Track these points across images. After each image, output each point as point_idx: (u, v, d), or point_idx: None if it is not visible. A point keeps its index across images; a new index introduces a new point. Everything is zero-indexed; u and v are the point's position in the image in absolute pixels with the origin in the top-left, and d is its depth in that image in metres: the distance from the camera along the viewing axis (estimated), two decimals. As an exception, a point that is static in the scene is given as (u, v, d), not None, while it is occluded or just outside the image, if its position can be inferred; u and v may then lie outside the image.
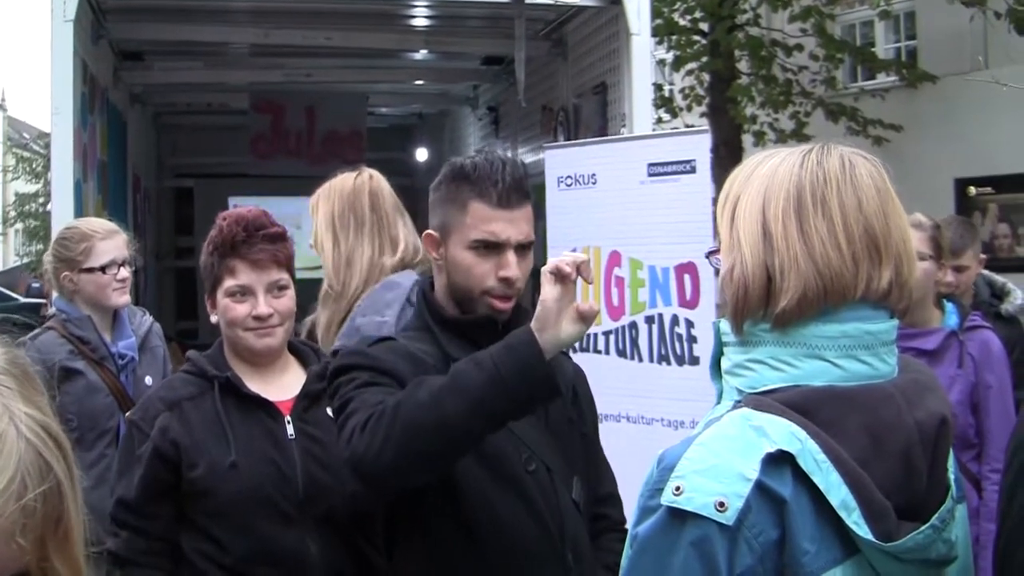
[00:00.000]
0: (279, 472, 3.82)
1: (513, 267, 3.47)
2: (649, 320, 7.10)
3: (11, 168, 55.57)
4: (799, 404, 2.25)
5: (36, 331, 5.66)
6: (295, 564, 3.78)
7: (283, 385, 3.98)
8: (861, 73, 21.70)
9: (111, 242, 5.75)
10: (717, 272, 2.53)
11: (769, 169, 2.43)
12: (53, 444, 1.70)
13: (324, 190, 4.93)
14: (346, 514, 3.89)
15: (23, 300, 36.94)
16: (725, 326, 2.43)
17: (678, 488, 2.16)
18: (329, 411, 3.82)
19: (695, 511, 2.14)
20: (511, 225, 3.47)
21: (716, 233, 2.58)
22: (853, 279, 2.33)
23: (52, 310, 5.83)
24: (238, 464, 3.77)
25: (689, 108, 19.26)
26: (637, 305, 7.13)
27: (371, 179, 4.93)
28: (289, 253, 4.06)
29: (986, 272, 6.97)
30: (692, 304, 7.01)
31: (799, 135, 17.41)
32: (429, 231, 3.63)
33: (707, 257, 2.61)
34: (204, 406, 3.88)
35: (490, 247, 3.48)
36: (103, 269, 5.67)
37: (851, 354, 2.31)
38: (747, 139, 18.13)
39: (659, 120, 18.79)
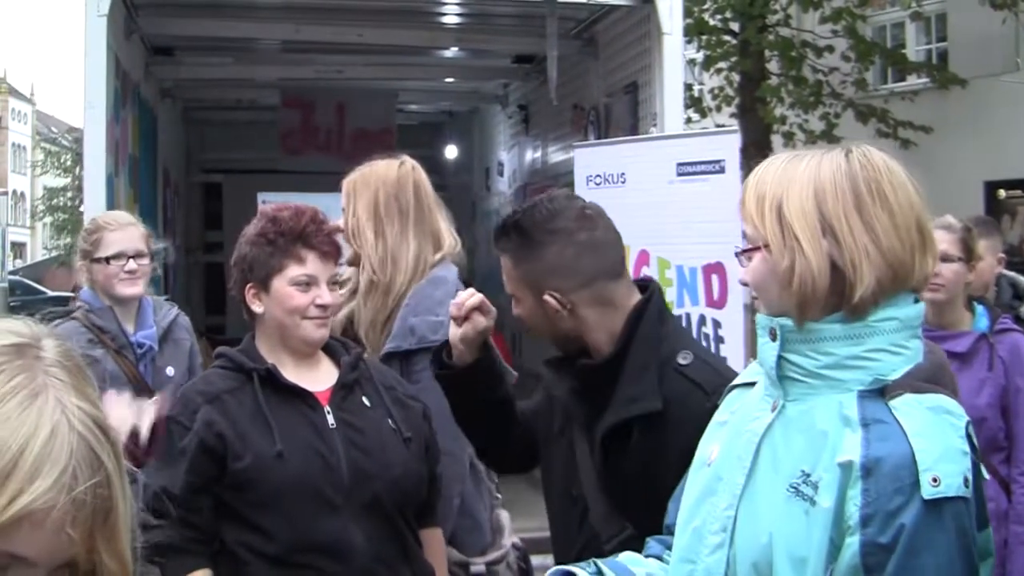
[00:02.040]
0: (324, 461, 3.84)
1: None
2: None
3: (40, 163, 55.91)
4: (932, 380, 2.47)
5: (59, 320, 5.73)
6: (340, 552, 3.81)
7: (317, 376, 4.00)
8: (891, 75, 21.65)
9: (121, 233, 5.81)
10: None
11: (809, 168, 2.53)
12: (104, 437, 1.72)
13: (363, 176, 4.86)
14: (390, 501, 3.93)
15: (51, 294, 37.13)
16: (789, 323, 2.52)
17: (935, 479, 2.30)
18: (365, 400, 3.97)
19: (955, 495, 2.31)
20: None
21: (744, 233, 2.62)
22: (911, 268, 2.51)
23: (78, 303, 5.88)
24: (284, 454, 3.80)
25: (719, 108, 19.18)
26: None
27: (414, 170, 4.88)
28: (341, 249, 4.14)
29: (1010, 273, 6.95)
30: (720, 304, 7.03)
31: (829, 136, 17.35)
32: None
33: (738, 256, 2.68)
34: (244, 399, 3.90)
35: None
36: (108, 260, 5.74)
37: (918, 334, 2.53)
38: (776, 140, 18.08)
39: (688, 120, 18.72)
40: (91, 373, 1.83)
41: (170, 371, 5.77)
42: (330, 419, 3.91)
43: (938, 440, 2.35)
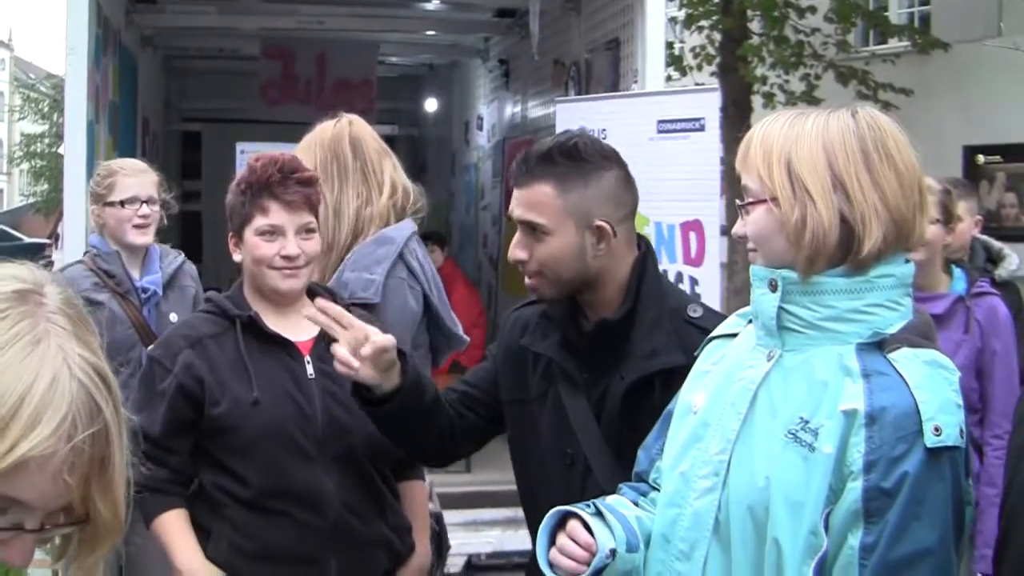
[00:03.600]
0: (300, 410, 3.90)
1: (517, 248, 3.54)
2: None
3: (18, 108, 55.64)
4: (923, 336, 2.62)
5: (68, 263, 5.96)
6: (312, 499, 3.88)
7: (302, 326, 4.01)
8: (873, 37, 21.65)
9: (135, 179, 5.94)
10: (722, 229, 2.67)
11: (817, 126, 2.65)
12: (103, 386, 1.77)
13: (305, 143, 4.85)
14: (365, 453, 3.98)
15: (27, 240, 37.05)
16: (792, 275, 2.63)
17: (937, 429, 2.44)
18: None
19: (953, 444, 2.46)
20: (516, 203, 3.53)
21: (725, 191, 2.68)
22: (912, 226, 2.64)
23: (55, 253, 6.02)
24: (260, 401, 3.86)
25: (699, 67, 19.16)
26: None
27: (351, 124, 4.85)
28: (318, 198, 4.12)
29: (984, 237, 6.98)
30: (697, 262, 7.05)
31: (809, 97, 17.36)
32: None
33: (742, 207, 2.76)
34: (226, 345, 3.95)
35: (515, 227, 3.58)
36: (123, 203, 5.85)
37: (911, 292, 2.68)
38: (756, 100, 18.07)
39: (669, 78, 18.64)
40: (92, 320, 1.88)
41: (173, 317, 5.84)
42: (310, 369, 3.96)
43: (937, 392, 2.49)
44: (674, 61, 18.74)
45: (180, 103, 15.67)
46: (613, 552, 2.82)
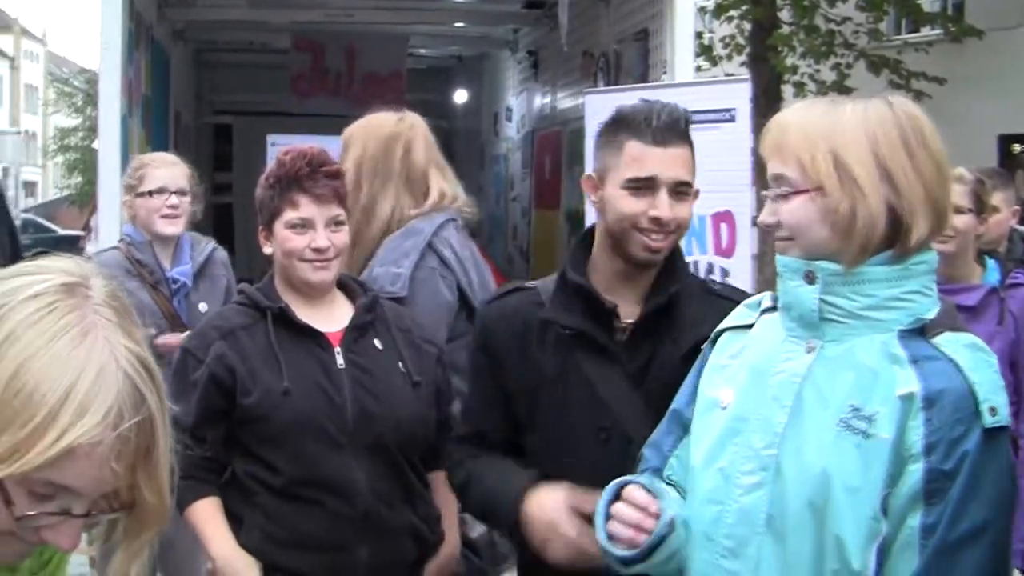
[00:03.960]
0: (330, 400, 3.94)
1: (664, 207, 3.45)
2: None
3: (52, 102, 56.06)
4: (955, 320, 2.68)
5: (103, 249, 6.16)
6: (342, 488, 3.92)
7: (332, 317, 4.08)
8: (905, 26, 21.61)
9: (165, 171, 6.08)
10: (753, 220, 2.65)
11: (856, 115, 2.66)
12: (148, 376, 1.85)
13: (360, 128, 4.90)
14: (393, 442, 4.01)
15: (62, 232, 37.34)
16: (832, 267, 2.64)
17: (992, 410, 2.49)
18: (377, 343, 4.05)
19: (1006, 424, 2.52)
20: (663, 163, 3.46)
21: (755, 181, 2.69)
22: (947, 214, 2.67)
23: (89, 245, 6.16)
24: (290, 391, 3.90)
25: (729, 57, 19.19)
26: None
27: (411, 128, 4.88)
28: (346, 190, 4.16)
29: (1022, 228, 6.95)
30: (728, 253, 7.04)
31: (840, 87, 17.37)
32: (588, 174, 3.66)
33: (783, 197, 2.72)
34: (257, 336, 4.00)
35: (642, 185, 3.48)
36: (151, 193, 5.98)
37: (936, 279, 2.72)
38: (787, 90, 18.07)
39: (699, 68, 18.68)
40: (135, 313, 1.93)
41: (203, 307, 5.97)
42: (340, 360, 3.99)
43: (987, 374, 2.54)
44: (704, 51, 18.80)
45: (211, 96, 15.74)
46: (672, 523, 2.80)
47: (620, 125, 3.53)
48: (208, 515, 4.02)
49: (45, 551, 2.12)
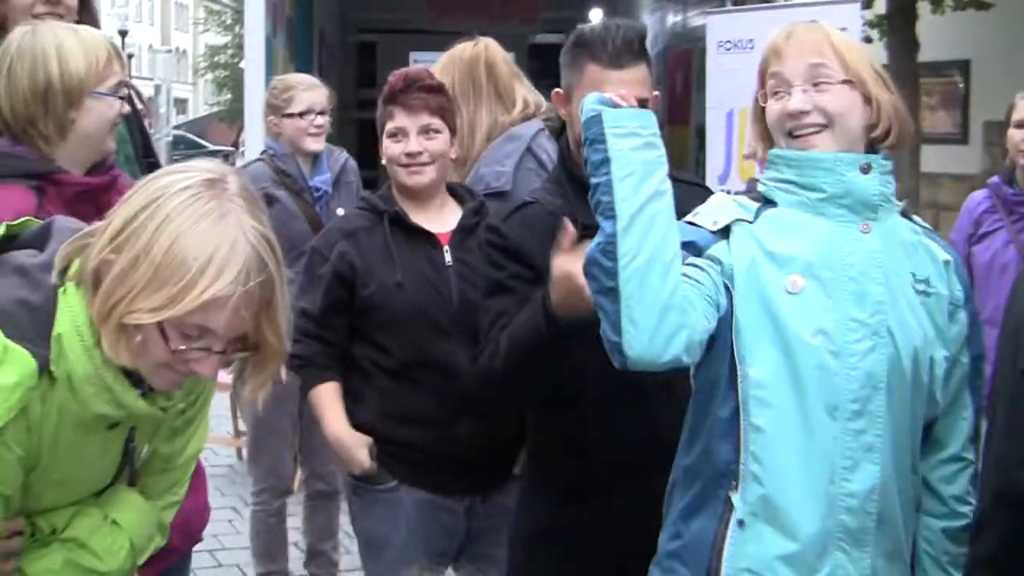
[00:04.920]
0: (437, 291, 4.42)
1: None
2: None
3: (202, 21, 56.70)
4: None
5: (249, 161, 6.76)
6: (447, 368, 4.39)
7: (443, 219, 4.56)
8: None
9: (310, 93, 6.61)
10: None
11: (861, 46, 3.31)
12: (268, 248, 2.51)
13: (444, 62, 5.34)
14: None
15: (212, 147, 38.01)
16: (881, 159, 3.15)
17: None
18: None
19: None
20: (620, 84, 3.70)
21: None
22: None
23: (240, 154, 6.64)
24: (403, 284, 4.39)
25: (866, -27, 19.08)
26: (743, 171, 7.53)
27: (486, 48, 5.32)
28: (442, 103, 4.57)
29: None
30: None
31: (978, 3, 17.28)
32: (557, 90, 4.02)
33: (819, 85, 3.13)
34: (376, 236, 4.49)
35: None
36: (301, 115, 6.52)
37: None
38: (923, 8, 17.96)
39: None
40: (262, 202, 2.62)
41: (340, 211, 6.38)
42: (447, 257, 4.47)
43: None
44: (840, -33, 18.64)
45: (355, 14, 16.08)
46: None
47: (580, 47, 3.87)
48: (327, 398, 4.55)
49: (194, 390, 2.82)
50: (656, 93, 3.96)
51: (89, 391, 2.54)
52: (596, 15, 16.24)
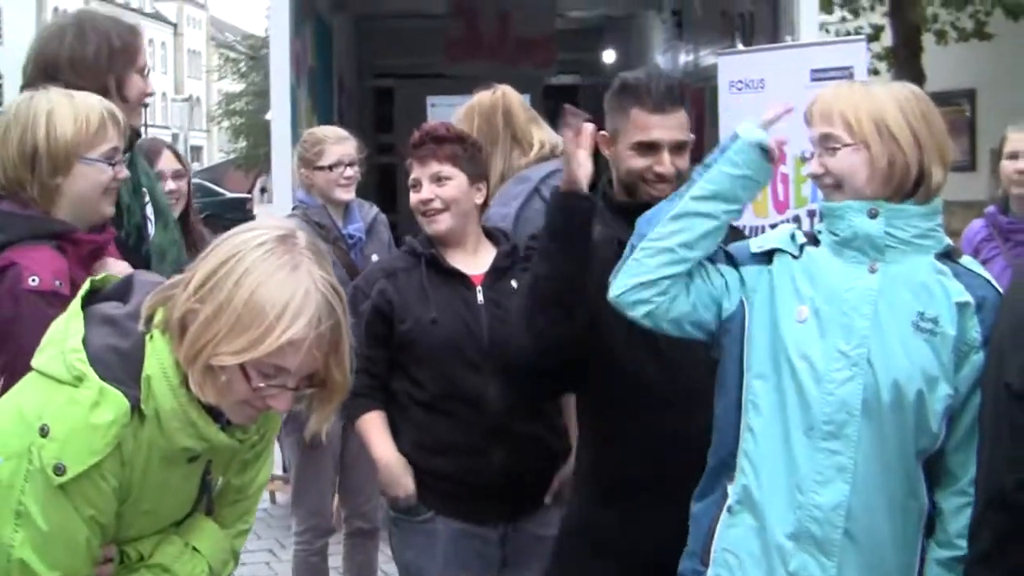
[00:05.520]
0: (469, 329, 4.69)
1: (666, 164, 4.16)
2: (811, 213, 7.52)
3: (218, 68, 57.02)
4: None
5: (283, 217, 6.85)
6: (477, 401, 4.66)
7: (477, 261, 4.83)
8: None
9: (339, 146, 6.80)
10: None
11: (887, 93, 3.51)
12: (335, 295, 2.84)
13: (466, 110, 5.64)
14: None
15: (229, 195, 38.04)
16: (890, 205, 3.42)
17: None
18: (513, 283, 4.70)
19: None
20: (663, 128, 4.18)
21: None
22: (948, 168, 3.51)
23: (256, 207, 6.89)
24: (437, 321, 4.67)
25: (872, 7, 19.29)
26: (800, 200, 7.68)
27: (504, 96, 5.62)
28: (454, 151, 4.81)
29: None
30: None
31: (980, 34, 17.49)
32: (603, 132, 4.29)
33: (830, 151, 3.49)
34: (413, 276, 4.77)
35: (646, 147, 4.19)
36: (331, 168, 6.74)
37: None
38: (927, 40, 18.16)
39: (843, 19, 18.93)
40: (327, 254, 2.98)
41: (374, 258, 6.67)
42: (480, 297, 4.75)
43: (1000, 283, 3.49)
44: (847, 2, 18.89)
45: (372, 61, 16.23)
46: None
47: (625, 93, 4.25)
48: (374, 426, 4.81)
49: (263, 425, 3.13)
50: (693, 136, 4.28)
51: (175, 426, 2.86)
52: (610, 56, 16.56)
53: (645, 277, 3.52)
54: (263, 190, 36.81)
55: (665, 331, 3.60)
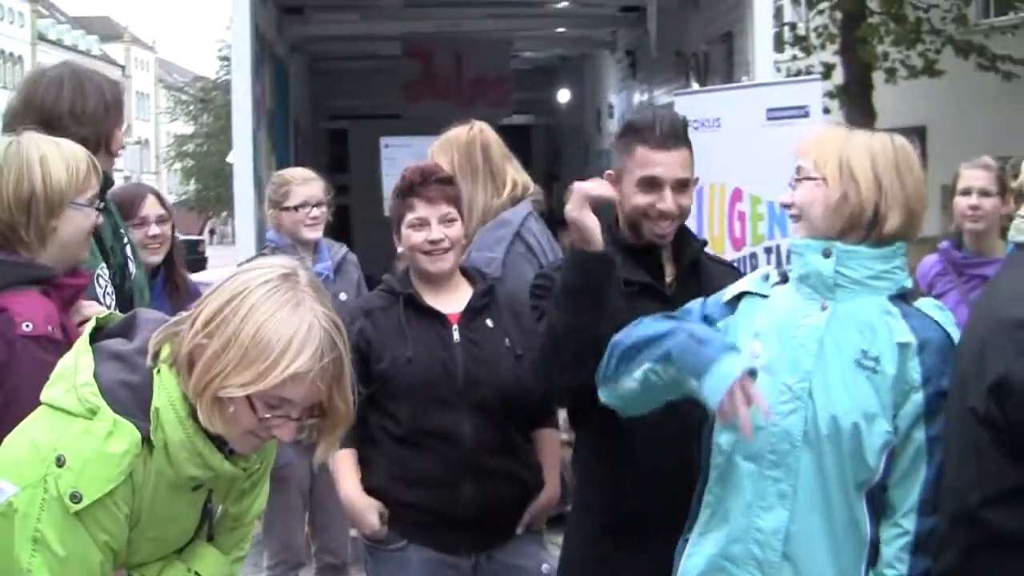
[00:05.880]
0: (444, 367, 4.77)
1: (668, 202, 4.27)
2: (768, 251, 7.74)
3: (170, 110, 56.95)
4: (920, 290, 3.52)
5: (251, 256, 6.82)
6: (450, 436, 4.75)
7: (454, 300, 4.91)
8: (993, 9, 21.73)
9: (306, 187, 6.99)
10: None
11: (865, 139, 3.62)
12: (337, 330, 2.95)
13: (441, 144, 5.73)
14: (495, 403, 4.79)
15: (182, 238, 37.94)
16: (843, 245, 3.52)
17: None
18: (489, 322, 4.83)
19: None
20: (666, 165, 4.28)
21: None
22: (919, 220, 3.59)
23: (207, 247, 6.95)
24: (413, 360, 4.75)
25: (823, 46, 19.46)
26: (757, 237, 7.80)
27: (481, 132, 5.72)
28: (457, 193, 4.98)
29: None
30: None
31: (930, 71, 17.68)
32: (609, 171, 4.40)
33: (798, 182, 3.63)
34: (391, 315, 4.86)
35: (650, 184, 4.28)
36: (297, 208, 6.91)
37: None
38: (877, 77, 18.35)
39: (794, 58, 19.14)
40: (326, 291, 3.06)
41: (343, 296, 6.82)
42: (456, 335, 4.83)
43: (953, 326, 3.50)
44: (798, 41, 19.06)
45: (327, 103, 16.25)
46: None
47: (630, 132, 4.35)
48: (343, 464, 4.91)
49: (261, 455, 3.24)
50: (698, 176, 4.40)
51: (183, 456, 2.97)
52: (564, 95, 16.67)
53: (626, 395, 3.75)
54: (212, 232, 36.70)
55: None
